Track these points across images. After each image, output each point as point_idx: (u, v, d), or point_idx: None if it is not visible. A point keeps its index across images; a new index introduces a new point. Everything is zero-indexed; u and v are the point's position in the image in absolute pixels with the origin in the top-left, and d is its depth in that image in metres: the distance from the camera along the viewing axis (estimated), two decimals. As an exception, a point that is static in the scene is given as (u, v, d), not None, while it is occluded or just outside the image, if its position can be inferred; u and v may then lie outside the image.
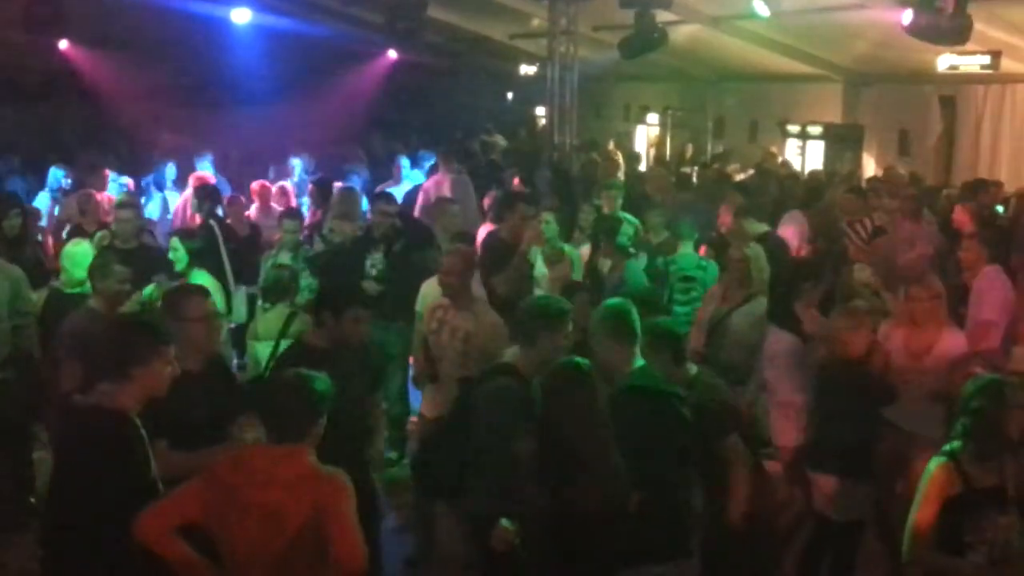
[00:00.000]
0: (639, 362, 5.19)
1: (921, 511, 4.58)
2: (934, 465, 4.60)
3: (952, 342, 6.63)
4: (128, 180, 12.82)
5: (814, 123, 17.86)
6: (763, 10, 12.58)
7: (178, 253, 8.10)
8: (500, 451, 4.91)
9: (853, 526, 6.11)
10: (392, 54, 19.05)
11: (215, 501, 4.00)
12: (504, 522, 4.77)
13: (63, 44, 15.52)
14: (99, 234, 9.10)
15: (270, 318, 7.39)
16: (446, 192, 11.94)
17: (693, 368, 5.74)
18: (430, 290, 7.39)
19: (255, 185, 12.59)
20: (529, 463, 4.86)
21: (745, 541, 5.51)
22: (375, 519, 5.75)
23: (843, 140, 17.24)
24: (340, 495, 3.99)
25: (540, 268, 8.79)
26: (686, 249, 9.06)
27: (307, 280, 8.81)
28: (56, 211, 11.73)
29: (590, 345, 5.34)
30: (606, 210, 10.48)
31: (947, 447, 4.65)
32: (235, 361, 8.51)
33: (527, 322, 5.30)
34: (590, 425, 4.69)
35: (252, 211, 11.87)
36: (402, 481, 7.55)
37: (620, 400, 4.97)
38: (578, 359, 4.84)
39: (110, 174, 12.55)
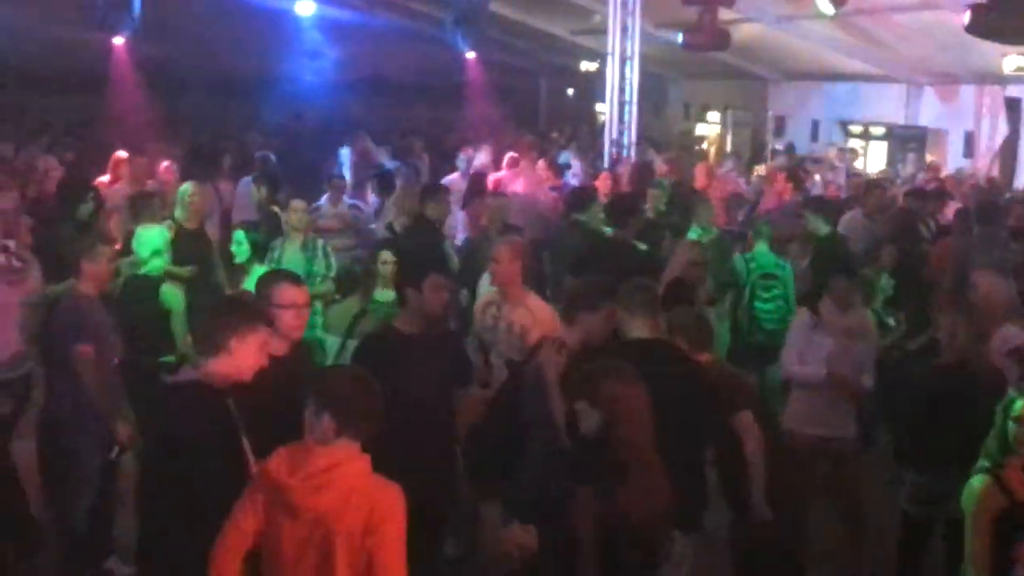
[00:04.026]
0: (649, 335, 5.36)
1: (976, 536, 4.51)
2: (978, 482, 4.56)
3: (1002, 339, 6.52)
4: None
5: (876, 123, 17.73)
6: (828, 9, 12.53)
7: (241, 247, 7.97)
8: (549, 425, 4.95)
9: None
10: (465, 53, 19.18)
11: (267, 502, 3.88)
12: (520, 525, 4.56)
13: (119, 40, 15.71)
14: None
15: (339, 311, 7.21)
16: (519, 187, 11.97)
17: (709, 355, 5.87)
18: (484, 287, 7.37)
19: None
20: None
21: (770, 525, 5.53)
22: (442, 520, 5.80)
23: (906, 141, 17.11)
24: (393, 512, 3.87)
25: None
26: (762, 247, 9.08)
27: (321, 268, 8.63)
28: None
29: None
30: (649, 211, 10.40)
31: (985, 462, 4.65)
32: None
33: (568, 302, 5.56)
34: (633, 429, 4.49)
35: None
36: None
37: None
38: (617, 362, 4.59)
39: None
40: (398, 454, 4.28)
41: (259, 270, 7.74)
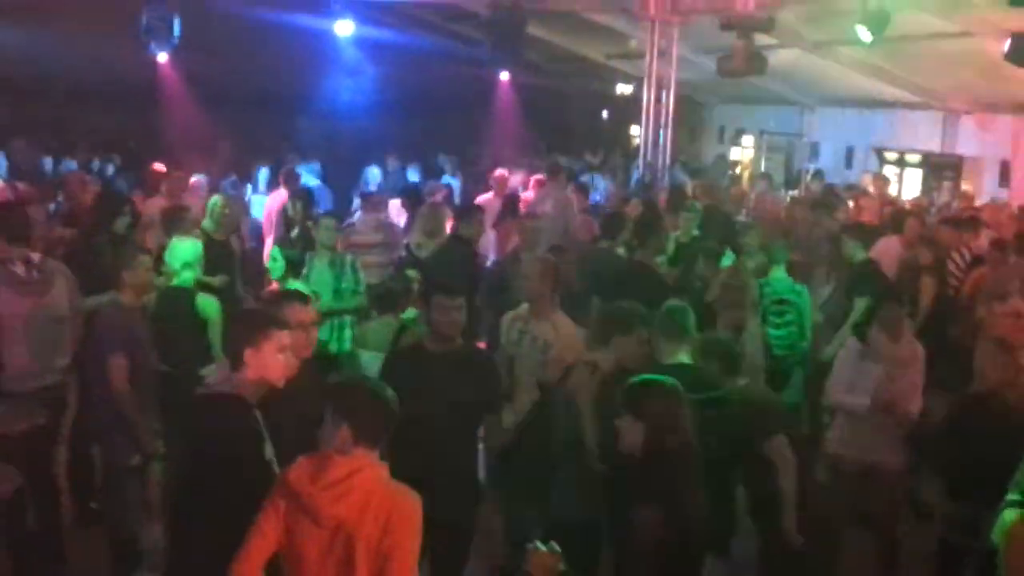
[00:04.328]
0: (682, 360, 5.36)
1: (1010, 572, 4.38)
2: (1010, 516, 4.46)
3: None
4: None
5: (912, 151, 17.63)
6: (866, 36, 12.49)
7: (276, 263, 8.16)
8: (580, 447, 4.96)
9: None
10: (503, 75, 19.35)
11: (288, 509, 3.96)
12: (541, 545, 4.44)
13: (162, 57, 15.89)
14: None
15: (378, 328, 7.30)
16: (548, 207, 12.00)
17: (742, 380, 5.86)
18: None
19: None
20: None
21: (801, 552, 5.50)
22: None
23: (941, 169, 17.00)
24: (410, 516, 3.95)
25: None
26: (778, 272, 9.00)
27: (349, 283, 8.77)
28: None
29: None
30: (681, 236, 10.47)
31: (1017, 494, 4.57)
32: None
33: (601, 325, 5.66)
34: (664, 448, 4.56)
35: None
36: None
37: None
38: (658, 377, 4.73)
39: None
40: (417, 468, 4.34)
41: (294, 286, 7.84)
